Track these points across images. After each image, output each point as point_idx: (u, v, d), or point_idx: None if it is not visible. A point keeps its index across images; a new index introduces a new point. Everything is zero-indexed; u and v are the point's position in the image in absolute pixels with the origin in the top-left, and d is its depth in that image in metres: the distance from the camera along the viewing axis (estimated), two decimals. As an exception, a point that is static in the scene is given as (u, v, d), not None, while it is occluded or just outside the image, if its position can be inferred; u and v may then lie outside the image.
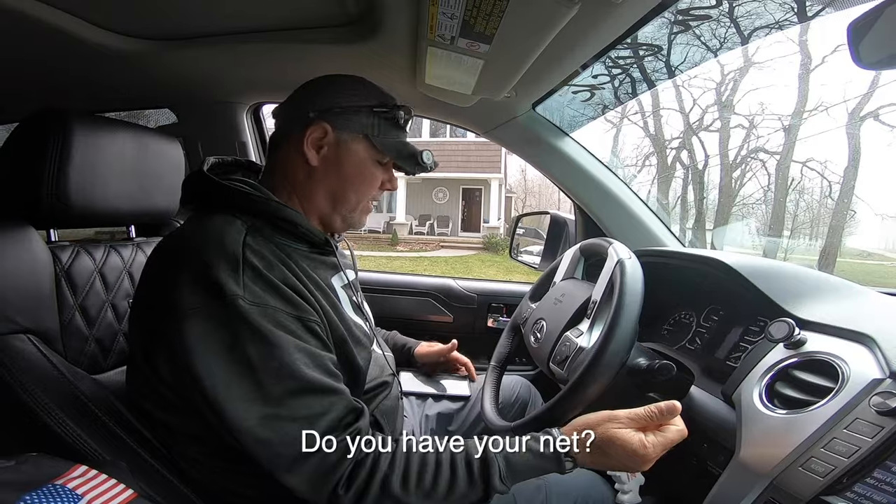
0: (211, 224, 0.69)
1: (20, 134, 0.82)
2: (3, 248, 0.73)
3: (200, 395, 0.60)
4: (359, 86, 0.83)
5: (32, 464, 0.52)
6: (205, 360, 0.60)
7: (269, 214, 0.72)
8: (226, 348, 0.60)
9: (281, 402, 0.61)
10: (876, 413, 0.58)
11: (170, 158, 1.01)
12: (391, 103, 0.83)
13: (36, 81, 1.30)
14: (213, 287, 0.61)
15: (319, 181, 0.80)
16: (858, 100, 7.00)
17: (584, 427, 0.69)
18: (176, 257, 0.67)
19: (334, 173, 0.80)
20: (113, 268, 0.90)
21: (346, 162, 0.80)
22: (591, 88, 1.35)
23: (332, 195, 0.81)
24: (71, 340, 0.80)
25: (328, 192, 0.81)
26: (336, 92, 0.81)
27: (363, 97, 0.81)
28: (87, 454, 0.66)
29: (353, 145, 0.80)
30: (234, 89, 1.46)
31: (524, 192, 18.01)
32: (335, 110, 0.79)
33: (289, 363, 0.61)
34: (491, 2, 0.72)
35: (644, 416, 0.69)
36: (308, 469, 0.61)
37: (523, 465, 0.68)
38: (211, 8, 0.96)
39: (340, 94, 0.80)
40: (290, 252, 0.73)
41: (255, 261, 0.65)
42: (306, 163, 0.78)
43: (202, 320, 0.60)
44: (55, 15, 0.91)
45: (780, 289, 0.87)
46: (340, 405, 0.65)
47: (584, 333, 0.88)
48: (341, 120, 0.79)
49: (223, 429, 0.61)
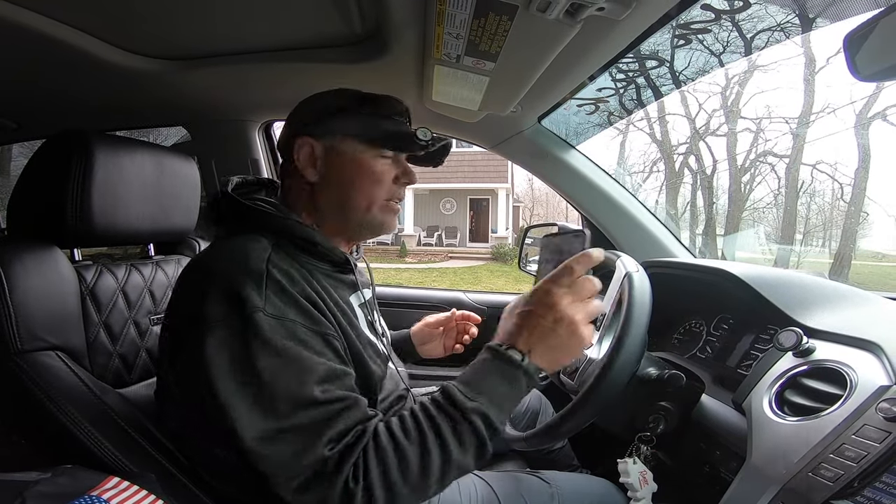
0: (238, 243, 0.70)
1: (43, 155, 0.84)
2: (32, 268, 0.75)
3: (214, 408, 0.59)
4: (333, 93, 0.83)
5: (68, 476, 0.54)
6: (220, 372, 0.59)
7: (290, 234, 0.73)
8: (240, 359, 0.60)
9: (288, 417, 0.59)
10: (883, 419, 0.59)
11: (186, 177, 1.04)
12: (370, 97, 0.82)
13: (55, 100, 1.34)
14: (237, 300, 0.62)
15: (324, 195, 0.80)
16: (865, 101, 6.96)
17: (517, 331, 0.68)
18: (204, 275, 0.68)
19: (335, 182, 0.79)
20: (134, 286, 0.93)
21: (340, 166, 0.79)
22: (597, 101, 1.37)
23: (340, 204, 0.80)
24: (96, 356, 0.82)
25: (335, 202, 0.80)
26: (310, 106, 0.82)
27: (338, 101, 0.81)
28: (116, 466, 0.67)
29: (342, 147, 0.79)
30: (247, 107, 1.50)
31: (532, 202, 18.01)
32: (312, 122, 0.80)
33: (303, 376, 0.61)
34: (495, 22, 0.75)
35: (558, 274, 0.70)
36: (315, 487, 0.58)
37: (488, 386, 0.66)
38: (225, 29, 0.99)
39: (314, 106, 0.82)
40: (312, 270, 0.74)
41: (278, 276, 0.66)
42: (307, 182, 0.79)
43: (222, 332, 0.61)
44: (77, 36, 0.95)
45: (788, 298, 0.88)
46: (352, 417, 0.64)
47: (594, 345, 0.89)
48: (321, 129, 0.79)
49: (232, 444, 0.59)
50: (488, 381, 0.66)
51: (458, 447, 0.63)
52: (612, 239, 1.49)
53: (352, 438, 0.61)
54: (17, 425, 0.74)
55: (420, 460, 0.61)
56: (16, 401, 0.71)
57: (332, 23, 0.95)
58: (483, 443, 0.64)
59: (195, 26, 0.98)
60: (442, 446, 0.62)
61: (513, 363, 0.66)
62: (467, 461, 0.64)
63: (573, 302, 0.68)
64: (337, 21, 0.94)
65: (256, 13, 0.92)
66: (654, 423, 0.88)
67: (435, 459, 0.61)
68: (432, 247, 15.26)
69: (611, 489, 0.94)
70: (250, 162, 1.60)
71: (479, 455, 0.65)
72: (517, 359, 0.66)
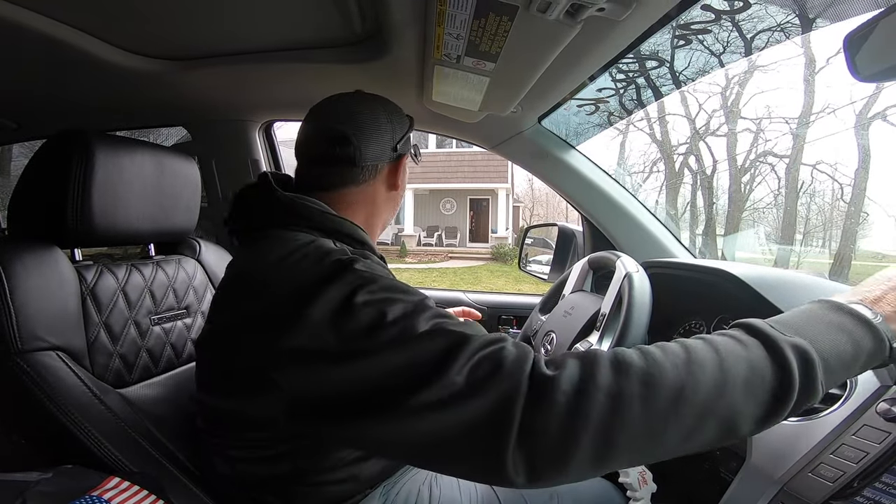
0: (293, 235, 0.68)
1: (44, 155, 0.84)
2: (32, 269, 0.76)
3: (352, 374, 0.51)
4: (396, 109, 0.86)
5: (69, 476, 0.54)
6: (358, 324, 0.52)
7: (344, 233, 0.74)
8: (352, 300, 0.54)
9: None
10: (883, 419, 0.59)
11: (187, 177, 1.04)
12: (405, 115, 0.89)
13: (55, 101, 1.34)
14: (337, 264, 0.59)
15: (391, 204, 0.86)
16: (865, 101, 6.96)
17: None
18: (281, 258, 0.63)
19: (396, 197, 0.87)
20: (135, 286, 0.93)
21: (402, 182, 0.86)
22: (597, 102, 1.37)
23: (390, 212, 0.88)
24: (97, 357, 0.82)
25: (388, 211, 0.87)
26: (399, 121, 0.85)
27: (401, 121, 0.86)
28: (117, 467, 0.68)
29: (404, 163, 0.86)
30: (247, 107, 1.50)
31: (532, 202, 18.00)
32: (401, 137, 0.84)
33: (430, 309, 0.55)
34: (495, 22, 0.75)
35: None
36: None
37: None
38: (225, 29, 1.00)
39: (400, 123, 0.85)
40: None
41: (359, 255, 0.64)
42: (388, 191, 0.84)
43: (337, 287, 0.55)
44: (77, 36, 0.95)
45: (788, 299, 0.88)
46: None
47: (595, 345, 0.89)
48: (405, 146, 0.85)
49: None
50: (812, 326, 0.51)
51: (749, 369, 0.47)
52: (612, 239, 1.49)
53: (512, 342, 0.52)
54: (18, 425, 0.74)
55: (676, 381, 0.46)
56: (16, 401, 0.71)
57: (333, 23, 0.96)
58: (790, 378, 0.46)
59: (196, 26, 0.99)
60: (718, 358, 0.48)
61: (856, 316, 0.52)
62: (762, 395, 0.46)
63: None
64: (337, 21, 0.95)
65: (257, 13, 0.92)
66: (653, 424, 0.88)
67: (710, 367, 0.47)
68: (432, 247, 15.26)
69: (610, 489, 0.94)
70: (250, 162, 1.60)
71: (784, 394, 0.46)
72: (865, 314, 0.52)
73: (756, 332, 0.51)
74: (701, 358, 0.47)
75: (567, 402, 0.45)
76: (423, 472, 0.89)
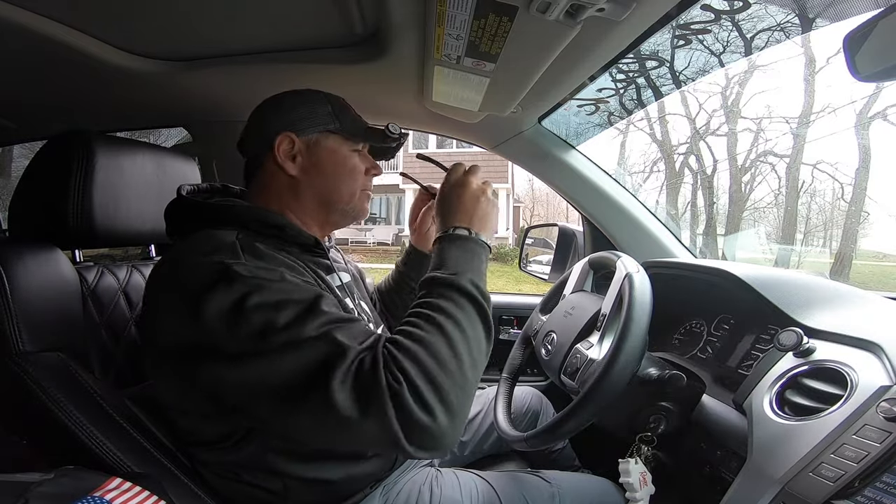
0: (200, 235, 0.70)
1: (44, 156, 0.85)
2: (34, 270, 0.76)
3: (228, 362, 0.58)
4: (305, 94, 0.88)
5: (71, 477, 0.54)
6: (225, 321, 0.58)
7: (255, 222, 0.74)
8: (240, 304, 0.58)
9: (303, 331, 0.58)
10: (884, 419, 0.59)
11: (187, 178, 1.04)
12: (337, 98, 0.89)
13: (57, 101, 1.34)
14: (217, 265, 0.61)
15: (306, 188, 0.84)
16: (865, 100, 6.94)
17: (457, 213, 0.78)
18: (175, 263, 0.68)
19: (317, 176, 0.84)
20: (135, 287, 0.93)
21: (323, 161, 0.84)
22: (597, 102, 1.37)
23: (323, 197, 0.85)
24: (98, 357, 0.82)
25: (318, 196, 0.85)
26: (289, 104, 0.85)
27: (313, 101, 0.86)
28: (118, 467, 0.67)
29: (323, 142, 0.84)
30: (248, 108, 1.47)
31: (532, 202, 17.98)
32: (293, 119, 0.83)
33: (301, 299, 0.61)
34: (495, 23, 0.75)
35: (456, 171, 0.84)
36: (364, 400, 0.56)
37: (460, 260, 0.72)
38: (226, 30, 0.99)
39: (293, 105, 0.85)
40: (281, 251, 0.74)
41: (252, 246, 0.67)
42: (288, 175, 0.83)
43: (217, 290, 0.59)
44: (77, 37, 0.95)
45: (788, 298, 0.88)
46: (359, 327, 0.63)
47: (595, 345, 0.89)
48: (302, 125, 0.83)
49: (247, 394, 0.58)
50: (455, 259, 0.72)
51: (466, 319, 0.65)
52: (613, 239, 1.49)
53: (372, 341, 0.61)
54: (19, 426, 0.75)
55: (446, 343, 0.61)
56: (17, 402, 0.71)
57: (333, 24, 0.95)
58: (483, 308, 0.68)
59: (196, 27, 0.98)
60: (455, 322, 0.64)
61: (464, 238, 0.75)
62: (478, 333, 0.66)
63: (477, 182, 0.81)
64: (337, 22, 0.95)
65: (257, 14, 0.92)
66: (654, 424, 0.88)
67: (455, 337, 0.62)
68: (433, 247, 15.21)
69: (611, 489, 0.94)
70: (251, 163, 1.60)
71: (485, 323, 0.67)
72: (465, 234, 0.76)
73: (442, 283, 0.68)
74: (446, 328, 0.63)
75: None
76: (423, 471, 0.90)
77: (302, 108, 0.85)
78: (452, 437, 0.59)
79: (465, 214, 0.78)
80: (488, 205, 0.80)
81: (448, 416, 0.57)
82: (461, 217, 0.78)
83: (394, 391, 0.55)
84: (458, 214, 0.78)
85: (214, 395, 0.62)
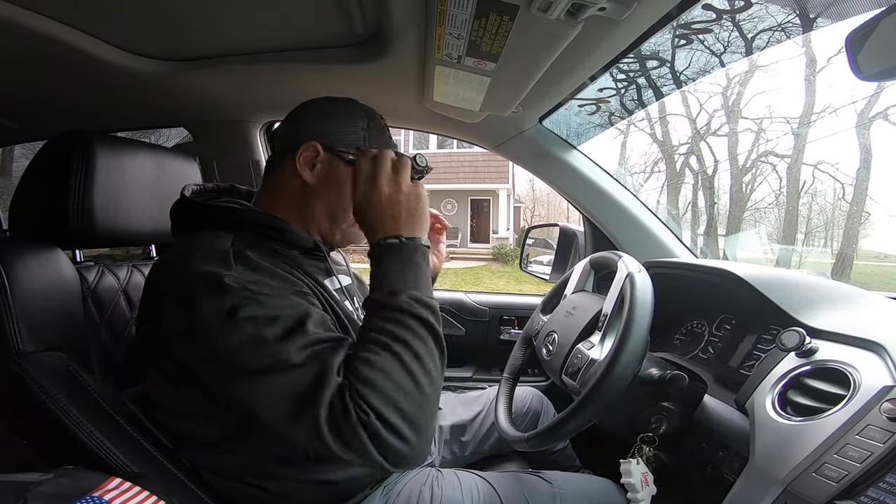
0: (198, 238, 0.71)
1: (45, 156, 0.85)
2: (34, 269, 0.76)
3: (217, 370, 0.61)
4: (346, 106, 0.86)
5: (70, 477, 0.54)
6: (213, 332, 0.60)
7: (255, 225, 0.75)
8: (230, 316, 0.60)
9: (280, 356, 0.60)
10: (887, 419, 0.59)
11: (188, 178, 1.04)
12: (377, 117, 0.86)
13: (56, 101, 1.34)
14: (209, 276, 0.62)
15: (316, 199, 0.82)
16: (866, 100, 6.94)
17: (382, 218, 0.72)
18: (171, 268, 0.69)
19: (330, 190, 0.81)
20: (135, 287, 0.93)
21: (340, 178, 0.81)
22: (598, 101, 1.37)
23: (332, 211, 0.83)
24: (98, 357, 0.83)
25: (327, 208, 0.83)
26: (326, 112, 0.84)
27: (351, 116, 0.84)
28: (118, 467, 0.67)
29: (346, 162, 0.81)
30: (248, 108, 1.50)
31: (533, 202, 17.99)
32: (324, 131, 0.81)
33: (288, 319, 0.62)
34: (496, 22, 0.75)
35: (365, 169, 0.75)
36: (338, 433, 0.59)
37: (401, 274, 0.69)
38: (226, 30, 0.99)
39: (329, 115, 0.83)
40: (279, 254, 0.75)
41: (244, 255, 0.67)
42: (302, 182, 0.81)
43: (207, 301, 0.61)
44: (78, 37, 0.95)
45: (790, 298, 0.88)
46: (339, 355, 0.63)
47: (596, 346, 0.89)
48: (331, 140, 0.81)
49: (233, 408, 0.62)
50: (393, 274, 0.68)
51: (413, 337, 0.64)
52: (614, 239, 1.49)
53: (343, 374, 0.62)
54: (19, 426, 0.75)
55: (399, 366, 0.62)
56: (17, 402, 0.71)
57: (334, 24, 0.95)
58: (428, 322, 0.66)
59: (196, 27, 0.98)
60: (404, 344, 0.63)
61: (395, 247, 0.70)
62: (428, 346, 0.65)
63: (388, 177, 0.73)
64: (338, 22, 0.94)
65: (258, 14, 0.92)
66: (656, 424, 0.88)
67: (406, 358, 0.62)
68: (433, 248, 15.21)
69: (612, 489, 0.94)
70: (251, 163, 1.60)
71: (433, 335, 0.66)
72: (395, 241, 0.70)
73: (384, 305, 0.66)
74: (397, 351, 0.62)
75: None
76: (424, 472, 0.90)
77: (337, 122, 0.83)
78: (425, 449, 0.63)
79: (388, 219, 0.71)
80: (409, 199, 0.73)
81: (416, 433, 0.60)
82: (386, 224, 0.71)
83: (364, 423, 0.58)
84: (380, 221, 0.72)
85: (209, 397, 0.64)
